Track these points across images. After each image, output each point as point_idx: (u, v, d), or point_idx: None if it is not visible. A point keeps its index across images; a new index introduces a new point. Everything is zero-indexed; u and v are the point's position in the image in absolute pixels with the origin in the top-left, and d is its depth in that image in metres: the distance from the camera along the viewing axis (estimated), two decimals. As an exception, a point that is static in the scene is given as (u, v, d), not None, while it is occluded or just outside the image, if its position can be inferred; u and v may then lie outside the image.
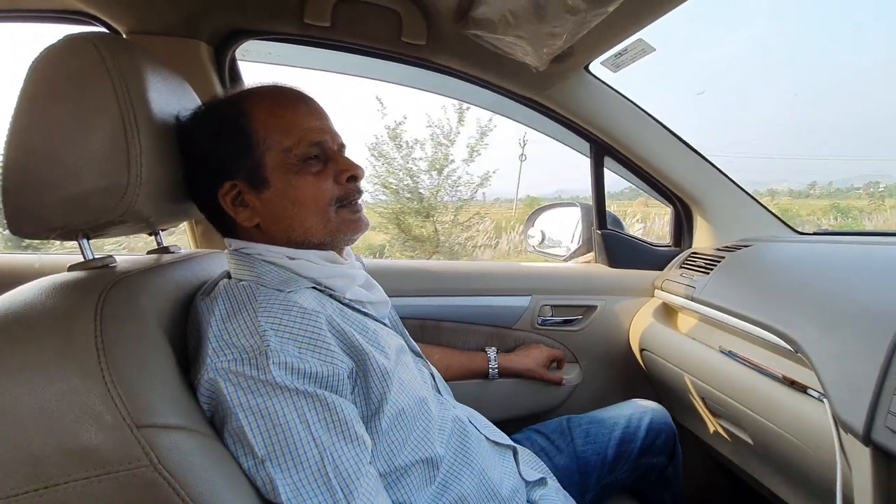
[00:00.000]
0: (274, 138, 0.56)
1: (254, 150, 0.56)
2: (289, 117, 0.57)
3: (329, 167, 0.59)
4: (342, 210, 0.59)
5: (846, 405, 0.57)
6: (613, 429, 0.84)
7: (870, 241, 0.88)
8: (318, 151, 0.58)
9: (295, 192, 0.56)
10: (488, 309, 1.12)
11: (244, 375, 0.44)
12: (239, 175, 0.56)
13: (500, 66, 0.97)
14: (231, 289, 0.51)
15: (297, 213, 0.57)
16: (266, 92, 0.59)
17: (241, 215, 0.57)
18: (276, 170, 0.56)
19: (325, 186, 0.58)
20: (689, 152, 1.12)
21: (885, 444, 0.52)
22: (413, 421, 0.57)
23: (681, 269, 1.11)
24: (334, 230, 0.59)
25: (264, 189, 0.56)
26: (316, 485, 0.43)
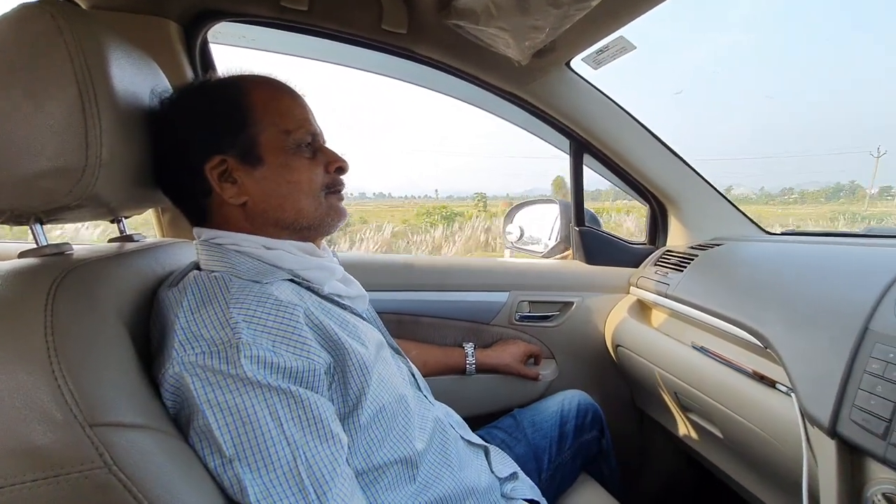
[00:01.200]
0: (272, 119, 0.56)
1: (250, 127, 0.55)
2: (288, 104, 0.59)
3: (319, 157, 0.60)
4: (330, 196, 0.61)
5: (813, 399, 0.59)
6: (552, 414, 0.94)
7: (835, 241, 0.91)
8: (310, 141, 0.59)
9: (290, 173, 0.57)
10: (466, 304, 1.11)
11: (213, 370, 0.42)
12: (231, 150, 0.55)
13: (483, 58, 0.96)
14: (202, 279, 0.49)
15: (291, 193, 0.57)
16: (264, 79, 0.60)
17: (228, 191, 0.55)
18: (271, 149, 0.56)
19: (317, 171, 0.59)
20: (666, 152, 1.13)
21: (850, 436, 0.53)
22: (393, 418, 0.55)
23: (655, 266, 1.12)
24: (324, 214, 0.60)
25: (258, 166, 0.56)
26: (287, 486, 0.41)
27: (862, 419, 0.52)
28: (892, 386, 0.51)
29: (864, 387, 0.54)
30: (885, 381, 0.52)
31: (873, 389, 0.52)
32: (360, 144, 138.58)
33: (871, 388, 0.53)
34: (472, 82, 1.04)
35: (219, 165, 0.55)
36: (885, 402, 0.51)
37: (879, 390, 0.52)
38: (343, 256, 1.06)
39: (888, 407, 0.50)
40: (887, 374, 0.52)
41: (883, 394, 0.51)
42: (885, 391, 0.51)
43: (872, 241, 0.87)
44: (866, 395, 0.53)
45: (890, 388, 0.51)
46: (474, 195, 10.99)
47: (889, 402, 0.51)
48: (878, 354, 0.54)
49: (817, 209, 13.25)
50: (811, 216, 12.46)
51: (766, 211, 13.42)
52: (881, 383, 0.52)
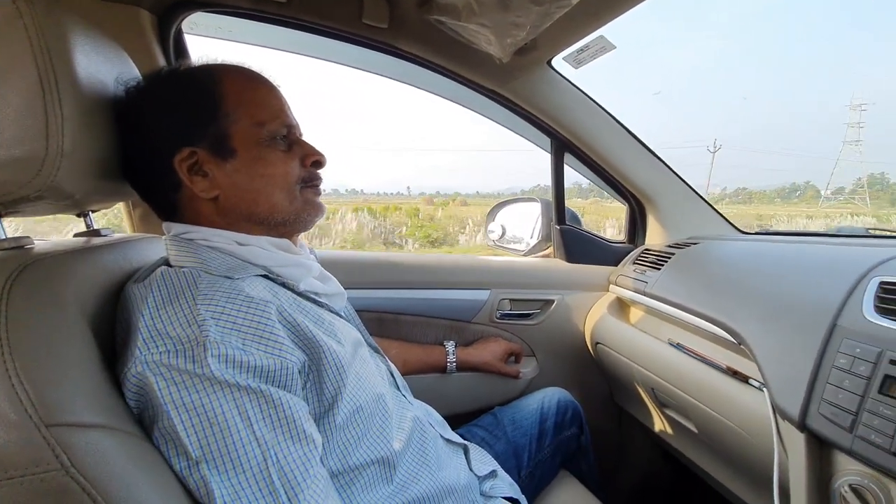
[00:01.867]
0: (246, 110, 0.54)
1: (222, 118, 0.53)
2: (262, 94, 0.57)
3: (295, 150, 0.58)
4: (306, 190, 0.59)
5: (784, 394, 0.60)
6: (532, 412, 0.94)
7: (807, 240, 0.94)
8: (286, 134, 0.57)
9: (264, 166, 0.55)
10: (447, 302, 1.10)
11: (178, 369, 0.40)
12: (201, 142, 0.53)
13: (464, 55, 0.96)
14: (169, 275, 0.47)
15: (265, 187, 0.55)
16: (237, 68, 0.58)
17: (199, 185, 0.53)
18: (244, 141, 0.54)
19: (293, 165, 0.57)
20: (645, 152, 1.15)
21: (819, 429, 0.55)
22: (370, 418, 0.54)
23: (634, 264, 1.14)
24: (299, 209, 0.58)
25: (230, 159, 0.54)
26: (257, 488, 0.39)
27: (830, 413, 0.54)
28: (859, 380, 0.52)
29: (832, 381, 0.55)
30: (852, 376, 0.53)
31: (841, 384, 0.54)
32: (336, 140, 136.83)
33: (838, 383, 0.54)
34: (453, 79, 1.04)
35: (188, 158, 0.53)
36: (851, 396, 0.52)
37: (846, 384, 0.53)
38: (322, 254, 1.04)
39: (854, 400, 0.52)
40: (854, 368, 0.53)
41: (850, 388, 0.53)
42: (851, 385, 0.53)
43: (841, 241, 0.89)
44: (834, 389, 0.54)
45: (856, 382, 0.52)
46: (433, 192, 11.91)
47: (855, 395, 0.52)
48: (845, 350, 0.55)
49: (771, 209, 13.82)
50: (767, 216, 12.97)
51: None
52: (848, 378, 0.53)
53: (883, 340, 0.52)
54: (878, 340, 0.53)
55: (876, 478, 0.51)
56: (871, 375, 0.51)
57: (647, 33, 30.38)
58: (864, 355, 0.53)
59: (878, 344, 0.53)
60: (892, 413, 0.48)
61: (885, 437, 0.48)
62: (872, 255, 0.66)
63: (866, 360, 0.53)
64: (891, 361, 0.50)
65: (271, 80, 0.59)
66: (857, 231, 1.00)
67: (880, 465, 0.48)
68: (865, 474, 0.52)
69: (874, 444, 0.49)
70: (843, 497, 0.53)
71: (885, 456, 0.48)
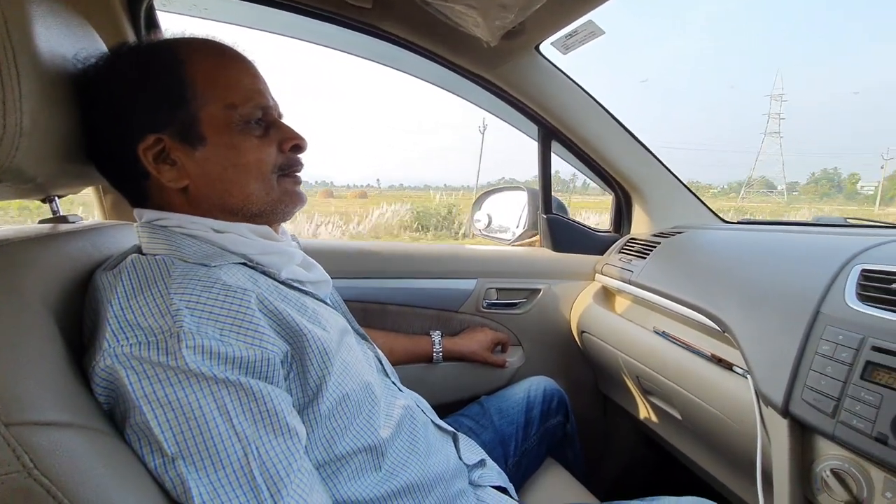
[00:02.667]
0: (215, 92, 0.50)
1: (189, 102, 0.49)
2: (234, 74, 0.52)
3: (272, 134, 0.54)
4: (284, 179, 0.55)
5: (767, 381, 0.61)
6: (519, 401, 0.94)
7: (788, 229, 0.95)
8: (262, 116, 0.53)
9: (237, 154, 0.51)
10: (434, 292, 1.09)
11: (150, 362, 0.38)
12: (168, 128, 0.49)
13: (451, 38, 0.93)
14: (140, 262, 0.44)
15: (238, 177, 0.52)
16: (205, 43, 0.53)
17: (166, 175, 0.50)
18: (215, 127, 0.50)
19: (269, 151, 0.53)
20: (632, 141, 1.14)
21: (801, 415, 0.55)
22: (357, 406, 0.53)
23: (619, 253, 1.14)
24: (276, 200, 0.55)
25: (199, 146, 0.50)
26: (238, 484, 0.38)
27: (813, 399, 0.54)
28: (841, 366, 0.53)
29: (815, 368, 0.56)
30: (835, 362, 0.54)
31: (823, 370, 0.54)
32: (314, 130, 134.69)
33: (821, 369, 0.55)
34: (440, 63, 1.02)
35: (154, 145, 0.49)
36: (834, 382, 0.53)
37: (829, 371, 0.54)
38: (307, 243, 1.02)
39: (837, 386, 0.53)
40: (836, 355, 0.54)
41: (832, 374, 0.53)
42: (834, 371, 0.53)
43: (821, 230, 0.91)
44: (817, 375, 0.55)
45: (839, 368, 0.53)
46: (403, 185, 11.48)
47: (838, 381, 0.53)
48: (828, 337, 0.56)
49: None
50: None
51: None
52: (831, 364, 0.54)
53: (865, 327, 0.53)
54: (860, 327, 0.53)
55: (857, 462, 0.52)
56: (854, 362, 0.52)
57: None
58: (847, 342, 0.54)
59: (859, 331, 0.53)
60: (873, 398, 0.49)
61: (867, 421, 0.49)
62: (853, 243, 0.67)
63: (848, 346, 0.53)
64: (872, 348, 0.51)
65: (245, 55, 0.55)
66: (836, 220, 1.01)
67: (861, 449, 0.49)
68: (847, 458, 0.53)
69: (856, 428, 0.50)
70: (824, 481, 0.54)
71: (866, 440, 0.49)
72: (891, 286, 0.55)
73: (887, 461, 0.47)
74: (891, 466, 0.47)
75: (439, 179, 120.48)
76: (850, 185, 59.44)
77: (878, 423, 0.48)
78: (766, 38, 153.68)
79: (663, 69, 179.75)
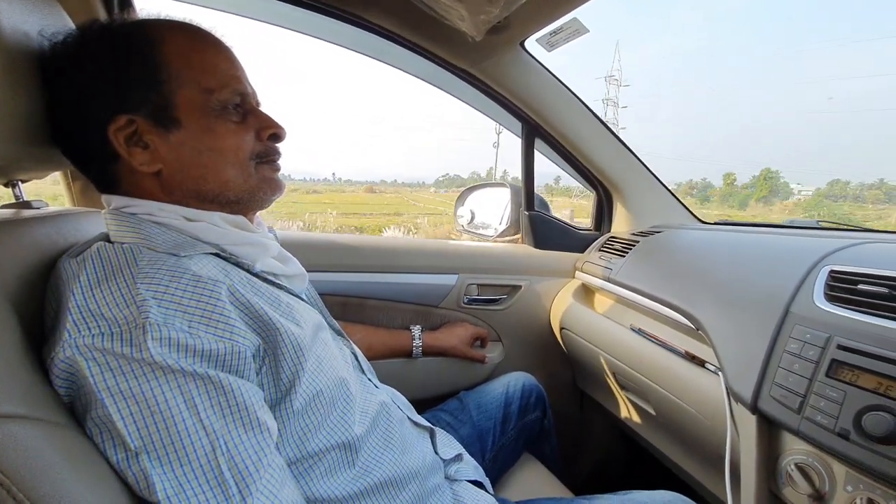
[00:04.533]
0: (192, 75, 0.49)
1: (163, 84, 0.48)
2: (211, 58, 0.51)
3: (249, 121, 0.53)
4: (262, 166, 0.54)
5: (738, 377, 0.62)
6: (497, 396, 0.94)
7: (761, 231, 0.97)
8: (240, 102, 0.52)
9: (213, 139, 0.50)
10: (414, 287, 1.09)
11: (113, 353, 0.37)
12: (141, 109, 0.47)
13: (436, 32, 0.92)
14: (106, 250, 0.43)
15: (214, 163, 0.50)
16: (182, 25, 0.51)
17: (138, 158, 0.48)
18: (191, 110, 0.49)
19: (247, 138, 0.52)
20: (614, 140, 1.15)
21: (769, 411, 0.57)
22: (331, 403, 0.52)
23: (600, 251, 1.15)
24: (254, 187, 0.54)
25: (174, 130, 0.49)
26: (204, 479, 0.37)
27: (780, 395, 0.56)
28: (808, 364, 0.54)
29: (783, 365, 0.57)
30: (802, 360, 0.55)
31: (791, 368, 0.56)
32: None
33: (789, 367, 0.56)
34: (424, 57, 1.01)
35: (126, 127, 0.47)
36: (801, 379, 0.54)
37: (797, 368, 0.55)
38: (284, 235, 1.00)
39: (803, 383, 0.54)
40: (804, 353, 0.55)
41: (799, 371, 0.55)
42: (801, 369, 0.55)
43: (792, 232, 0.93)
44: (785, 372, 0.56)
45: (805, 365, 0.55)
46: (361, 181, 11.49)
47: (804, 378, 0.54)
48: (796, 335, 0.57)
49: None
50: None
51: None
52: (798, 361, 0.55)
53: (831, 326, 0.55)
54: (827, 326, 0.55)
55: (819, 456, 0.53)
56: (820, 360, 0.54)
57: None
58: (814, 340, 0.55)
59: (826, 329, 0.55)
60: (837, 395, 0.51)
61: (830, 417, 0.50)
62: (823, 245, 0.69)
63: (815, 345, 0.55)
64: (838, 346, 0.53)
65: (223, 40, 0.53)
66: (808, 223, 1.04)
67: (824, 444, 0.51)
68: (810, 453, 0.54)
69: (819, 424, 0.51)
70: (789, 475, 0.55)
71: (829, 436, 0.50)
72: (857, 287, 0.57)
73: (849, 456, 0.48)
74: (852, 461, 0.48)
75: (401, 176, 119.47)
76: (727, 186, 62.67)
77: (841, 419, 0.49)
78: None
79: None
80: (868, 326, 0.52)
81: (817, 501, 0.53)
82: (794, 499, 0.55)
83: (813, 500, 0.53)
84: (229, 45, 0.54)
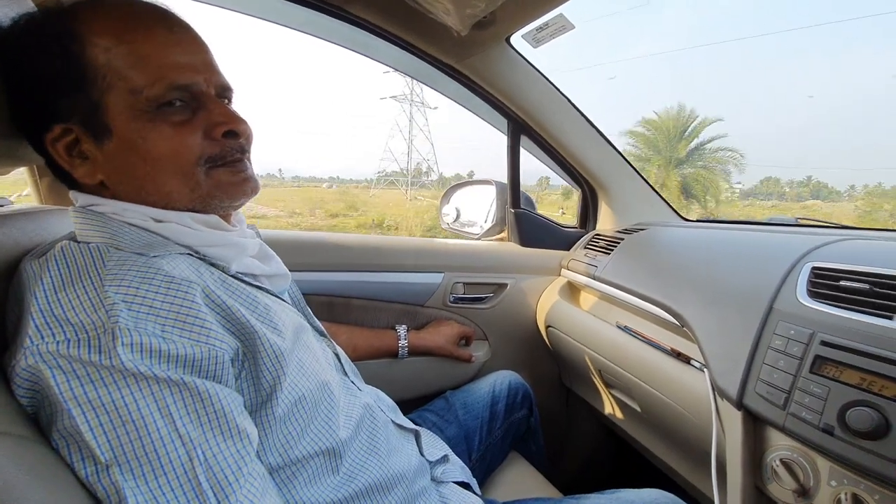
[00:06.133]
0: (120, 73, 0.43)
1: (90, 86, 0.43)
2: (141, 46, 0.44)
3: (199, 117, 0.46)
4: (217, 170, 0.48)
5: (723, 374, 0.62)
6: (484, 395, 0.93)
7: (744, 228, 0.98)
8: (183, 96, 0.45)
9: (147, 146, 0.44)
10: (400, 286, 1.07)
11: (80, 360, 0.34)
12: (73, 117, 0.43)
13: (422, 27, 0.91)
14: (71, 250, 0.40)
15: (151, 173, 0.45)
16: (112, 8, 0.44)
17: (80, 170, 0.45)
18: (120, 115, 0.43)
19: (190, 141, 0.45)
20: (599, 138, 1.16)
21: (754, 407, 0.57)
22: (314, 408, 0.50)
23: (585, 249, 1.16)
24: (206, 195, 0.47)
25: (105, 139, 0.44)
26: (181, 491, 0.34)
27: (765, 391, 0.56)
28: (792, 360, 0.55)
29: (767, 362, 0.57)
30: (786, 356, 0.56)
31: (776, 364, 0.56)
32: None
33: (773, 363, 0.57)
34: (410, 51, 0.99)
35: (62, 136, 0.44)
36: (785, 376, 0.55)
37: (781, 364, 0.56)
38: (267, 233, 0.98)
39: (788, 380, 0.54)
40: (788, 349, 0.56)
41: (784, 367, 0.55)
42: (785, 365, 0.55)
43: (774, 229, 0.94)
44: (770, 369, 0.57)
45: (790, 362, 0.55)
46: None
47: (789, 374, 0.55)
48: (780, 332, 0.58)
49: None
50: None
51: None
52: (783, 358, 0.56)
53: (814, 322, 0.55)
54: (810, 322, 0.56)
55: (804, 452, 0.54)
56: (803, 356, 0.54)
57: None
58: (798, 337, 0.56)
59: (809, 326, 0.55)
60: (821, 391, 0.51)
61: (814, 413, 0.51)
62: (804, 242, 0.70)
63: (799, 341, 0.55)
64: (821, 342, 0.53)
65: (164, 14, 0.46)
66: (787, 220, 1.06)
67: (808, 439, 0.51)
68: (795, 448, 0.55)
69: (804, 420, 0.52)
70: (774, 471, 0.56)
71: (813, 431, 0.51)
72: (839, 283, 0.58)
73: (833, 451, 0.49)
74: (836, 456, 0.49)
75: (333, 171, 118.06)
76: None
77: (825, 415, 0.50)
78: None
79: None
80: (851, 322, 0.52)
81: (802, 496, 0.53)
82: (779, 494, 0.56)
83: (797, 496, 0.53)
84: (180, 24, 0.47)
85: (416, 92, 38.80)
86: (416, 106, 39.85)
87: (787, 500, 0.55)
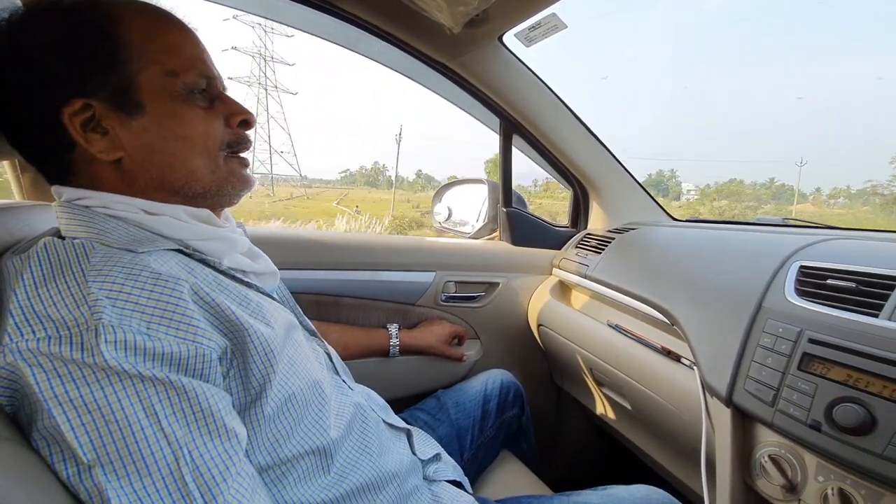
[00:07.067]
0: (154, 56, 0.46)
1: (123, 65, 0.45)
2: (174, 38, 0.48)
3: (217, 107, 0.50)
4: (232, 159, 0.52)
5: (713, 372, 0.63)
6: (476, 394, 0.94)
7: (732, 228, 0.99)
8: (207, 86, 0.49)
9: (180, 125, 0.47)
10: (391, 284, 1.07)
11: (61, 358, 0.33)
12: (99, 93, 0.44)
13: (414, 24, 0.90)
14: (55, 246, 0.39)
15: (182, 151, 0.47)
16: (141, 4, 0.48)
17: (96, 145, 0.45)
18: (155, 94, 0.46)
19: (216, 125, 0.50)
20: (591, 138, 1.16)
21: (744, 404, 0.58)
22: (304, 407, 0.50)
23: (576, 248, 1.16)
24: (222, 180, 0.51)
25: (136, 115, 0.45)
26: (166, 492, 0.34)
27: (754, 388, 0.57)
28: (780, 357, 0.55)
29: (756, 359, 0.58)
30: (775, 354, 0.56)
31: (765, 361, 0.57)
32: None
33: (762, 361, 0.57)
34: (401, 49, 0.98)
35: (81, 111, 0.44)
36: (774, 373, 0.55)
37: (770, 362, 0.56)
38: (254, 231, 0.96)
39: (776, 377, 0.55)
40: (776, 346, 0.56)
41: (773, 365, 0.56)
42: (774, 362, 0.56)
43: (763, 229, 0.95)
44: (759, 366, 0.57)
45: (778, 359, 0.56)
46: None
47: (777, 372, 0.55)
48: (769, 329, 0.59)
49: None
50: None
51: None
52: (771, 355, 0.57)
53: (802, 320, 0.56)
54: (799, 320, 0.56)
55: (793, 448, 0.54)
56: (792, 353, 0.55)
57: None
58: (786, 334, 0.56)
59: (798, 323, 0.56)
60: (809, 388, 0.52)
61: (802, 410, 0.51)
62: (792, 241, 0.71)
63: (787, 338, 0.56)
64: (809, 340, 0.54)
65: (185, 21, 0.50)
66: (775, 220, 1.07)
67: (797, 436, 0.52)
68: (783, 445, 0.55)
69: (792, 416, 0.52)
70: (762, 467, 0.56)
71: (801, 427, 0.51)
72: (826, 282, 0.58)
73: (820, 447, 0.49)
74: (823, 452, 0.49)
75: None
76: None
77: (813, 411, 0.50)
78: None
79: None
80: (838, 320, 0.53)
81: (789, 492, 0.54)
82: (767, 490, 0.57)
83: (785, 491, 0.54)
84: (193, 27, 0.51)
85: (270, 51, 31.04)
86: (271, 92, 33.02)
87: (775, 496, 0.55)
